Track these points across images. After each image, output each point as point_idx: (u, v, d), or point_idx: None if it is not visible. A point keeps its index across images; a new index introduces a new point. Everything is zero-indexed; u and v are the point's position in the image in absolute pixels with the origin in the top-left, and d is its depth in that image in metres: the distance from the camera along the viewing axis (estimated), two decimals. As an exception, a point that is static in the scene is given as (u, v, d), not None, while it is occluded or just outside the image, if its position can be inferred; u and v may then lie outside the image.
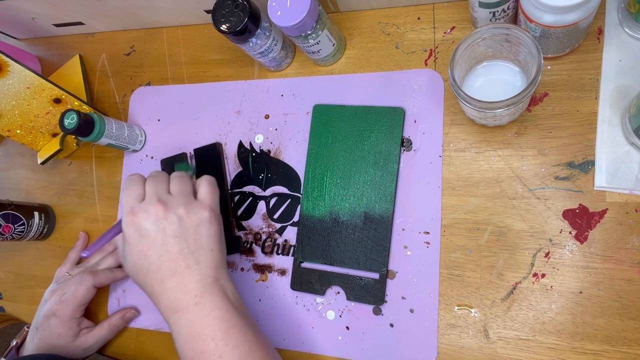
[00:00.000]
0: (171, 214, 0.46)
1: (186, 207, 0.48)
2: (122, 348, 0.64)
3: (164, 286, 0.46)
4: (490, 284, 0.50)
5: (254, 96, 0.63)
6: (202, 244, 0.47)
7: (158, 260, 0.46)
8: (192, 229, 0.47)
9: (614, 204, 0.48)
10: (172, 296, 0.45)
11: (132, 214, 0.47)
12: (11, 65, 0.59)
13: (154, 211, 0.46)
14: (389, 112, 0.56)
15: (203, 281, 0.46)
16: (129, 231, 0.47)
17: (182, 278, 0.46)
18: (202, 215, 0.48)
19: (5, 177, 0.75)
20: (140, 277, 0.47)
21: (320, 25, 0.52)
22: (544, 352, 0.48)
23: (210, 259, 0.47)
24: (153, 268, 0.46)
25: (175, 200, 0.48)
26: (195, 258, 0.46)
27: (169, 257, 0.46)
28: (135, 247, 0.46)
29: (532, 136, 0.51)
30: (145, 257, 0.46)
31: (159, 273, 0.46)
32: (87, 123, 0.58)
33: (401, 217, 0.54)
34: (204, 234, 0.48)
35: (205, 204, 0.49)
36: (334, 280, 0.55)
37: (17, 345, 0.60)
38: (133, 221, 0.46)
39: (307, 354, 0.55)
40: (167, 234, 0.46)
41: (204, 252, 0.47)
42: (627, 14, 0.48)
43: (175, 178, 0.50)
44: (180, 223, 0.47)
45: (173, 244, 0.46)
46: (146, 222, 0.46)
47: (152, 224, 0.46)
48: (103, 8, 0.66)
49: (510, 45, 0.45)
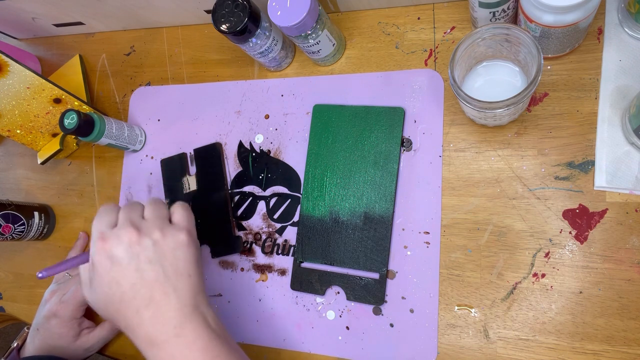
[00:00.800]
0: (145, 238, 0.43)
1: (162, 231, 0.45)
2: (122, 348, 0.64)
3: (140, 317, 0.42)
4: (490, 284, 0.50)
5: (254, 96, 0.63)
6: (179, 269, 0.44)
7: (132, 289, 0.42)
8: (168, 254, 0.44)
9: (614, 204, 0.48)
10: (150, 328, 0.42)
11: (103, 240, 0.43)
12: (11, 65, 0.59)
13: (126, 236, 0.43)
14: (389, 112, 0.56)
15: (182, 310, 0.43)
16: (99, 259, 0.43)
17: (159, 307, 0.42)
18: (178, 238, 0.45)
19: (5, 177, 0.75)
20: (112, 309, 0.43)
21: (320, 25, 0.52)
22: (544, 352, 0.48)
23: (188, 285, 0.44)
24: (126, 298, 0.42)
25: (150, 224, 0.45)
26: (173, 285, 0.43)
27: (144, 285, 0.42)
28: (106, 275, 0.43)
29: (532, 136, 0.51)
30: (118, 285, 0.42)
31: (134, 303, 0.42)
32: (87, 123, 0.58)
33: (401, 217, 0.54)
34: (181, 259, 0.45)
35: (182, 227, 0.46)
36: (334, 280, 0.55)
37: (17, 347, 0.60)
38: (104, 247, 0.43)
39: (307, 354, 0.55)
40: (142, 259, 0.43)
41: (182, 277, 0.44)
42: (627, 14, 0.48)
43: (149, 204, 0.48)
44: (156, 247, 0.44)
45: (148, 271, 0.43)
46: (118, 249, 0.43)
47: (125, 250, 0.43)
48: (103, 8, 0.66)
49: (510, 45, 0.45)
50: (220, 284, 0.60)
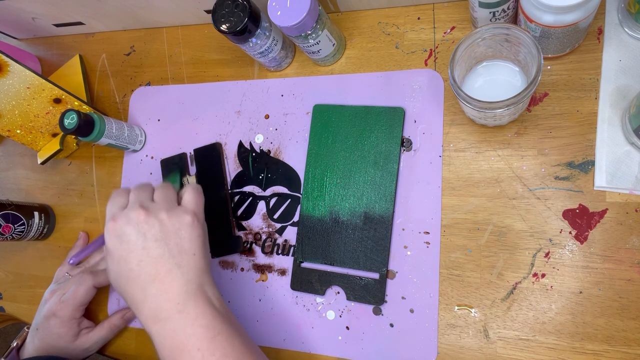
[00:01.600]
0: (152, 218, 0.45)
1: (168, 212, 0.47)
2: (122, 348, 0.64)
3: (145, 293, 0.44)
4: (490, 284, 0.50)
5: (254, 96, 0.63)
6: (184, 247, 0.46)
7: (138, 266, 0.44)
8: (173, 233, 0.46)
9: (614, 204, 0.48)
10: (154, 304, 0.44)
11: (113, 220, 0.46)
12: (11, 65, 0.59)
13: (135, 216, 0.45)
14: (389, 112, 0.56)
15: (186, 287, 0.44)
16: (110, 238, 0.46)
17: (164, 284, 0.44)
18: (184, 219, 0.47)
19: (5, 177, 0.75)
20: (121, 285, 0.45)
21: (320, 25, 0.52)
22: (544, 352, 0.48)
23: (192, 263, 0.46)
24: (133, 275, 0.44)
25: (158, 206, 0.47)
26: (177, 262, 0.45)
27: (150, 262, 0.44)
28: (116, 253, 0.45)
29: (532, 136, 0.51)
30: (126, 262, 0.45)
31: (140, 279, 0.44)
32: (87, 123, 0.58)
33: (401, 217, 0.54)
34: (186, 238, 0.46)
35: (188, 209, 0.48)
36: (334, 280, 0.55)
37: (17, 347, 0.60)
38: (114, 227, 0.45)
39: (307, 354, 0.55)
40: (148, 237, 0.45)
41: (186, 256, 0.46)
42: (627, 14, 0.48)
43: (159, 187, 0.50)
44: (162, 227, 0.45)
45: (154, 248, 0.45)
46: (127, 227, 0.45)
47: (133, 228, 0.45)
48: (103, 8, 0.66)
49: (510, 45, 0.45)
50: (220, 284, 0.60)
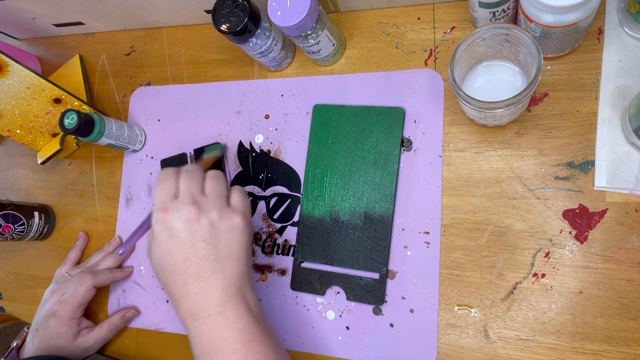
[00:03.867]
0: (204, 217, 0.45)
1: (219, 212, 0.46)
2: (122, 348, 0.64)
3: (186, 290, 0.44)
4: (490, 284, 0.50)
5: (254, 96, 0.63)
6: (230, 251, 0.46)
7: (184, 263, 0.44)
8: (222, 236, 0.46)
9: (614, 204, 0.48)
10: (194, 302, 0.44)
11: (164, 212, 0.45)
12: (11, 65, 0.59)
13: (186, 212, 0.45)
14: (389, 112, 0.56)
15: (226, 290, 0.45)
16: (159, 228, 0.45)
17: (206, 284, 0.44)
18: (234, 221, 0.46)
19: (5, 177, 0.75)
20: (164, 276, 0.46)
21: (320, 25, 0.52)
22: (544, 352, 0.48)
23: (236, 268, 0.46)
24: (178, 270, 0.45)
25: (209, 203, 0.46)
26: (222, 266, 0.45)
27: (195, 261, 0.44)
28: (163, 245, 0.45)
29: (532, 136, 0.51)
30: (172, 257, 0.45)
31: (183, 276, 0.44)
32: (87, 123, 0.58)
33: (401, 217, 0.54)
34: (234, 242, 0.46)
35: (239, 211, 0.47)
36: (334, 280, 0.55)
37: (17, 347, 0.60)
38: (164, 219, 0.45)
39: (307, 354, 0.55)
40: (197, 237, 0.45)
41: (231, 260, 0.46)
42: (627, 14, 0.48)
43: (211, 178, 0.48)
44: (212, 228, 0.45)
45: (201, 248, 0.45)
46: (177, 222, 0.45)
47: (183, 225, 0.45)
48: (103, 8, 0.66)
49: (510, 45, 0.45)
50: (220, 284, 0.60)
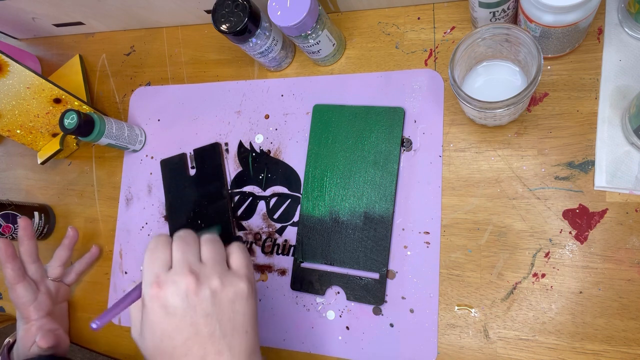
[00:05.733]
0: (204, 287, 0.39)
1: (221, 279, 0.40)
2: (122, 348, 0.64)
3: None
4: (490, 284, 0.50)
5: (254, 96, 0.63)
6: (236, 325, 0.40)
7: (184, 344, 0.39)
8: (227, 307, 0.40)
9: (614, 204, 0.48)
10: None
11: (158, 286, 0.39)
12: (11, 65, 0.59)
13: (184, 284, 0.39)
14: (389, 112, 0.56)
15: None
16: (153, 307, 0.39)
17: None
18: (239, 287, 0.41)
19: (5, 177, 0.75)
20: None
21: (320, 25, 0.52)
22: (544, 352, 0.48)
23: (244, 344, 0.40)
24: (178, 353, 0.39)
25: (208, 271, 0.41)
26: (228, 343, 0.39)
27: (198, 341, 0.39)
28: (159, 326, 0.39)
29: (532, 136, 0.51)
30: (170, 339, 0.39)
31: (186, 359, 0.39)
32: (87, 123, 0.58)
33: (401, 217, 0.54)
34: (240, 312, 0.41)
35: (242, 275, 0.42)
36: (334, 280, 0.55)
37: (8, 345, 0.60)
38: (158, 295, 0.39)
39: (307, 354, 0.55)
40: (198, 312, 0.39)
41: (238, 335, 0.40)
42: (627, 14, 0.48)
43: (207, 242, 0.43)
44: (214, 299, 0.40)
45: (204, 325, 0.39)
46: (174, 298, 0.39)
47: (182, 300, 0.39)
48: (103, 8, 0.66)
49: (510, 45, 0.45)
50: (220, 284, 0.60)
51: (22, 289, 0.58)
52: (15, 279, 0.57)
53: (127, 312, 0.63)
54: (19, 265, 0.58)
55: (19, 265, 0.58)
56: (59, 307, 0.64)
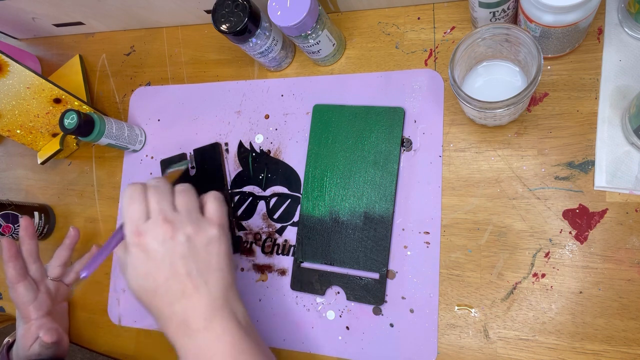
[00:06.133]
0: (179, 233, 0.44)
1: (194, 226, 0.45)
2: (122, 348, 0.64)
3: (172, 309, 0.44)
4: (490, 284, 0.50)
5: (254, 96, 0.63)
6: (211, 264, 0.45)
7: (165, 282, 0.44)
8: (201, 249, 0.45)
9: (614, 204, 0.48)
10: (181, 319, 0.43)
11: (138, 235, 0.44)
12: (11, 65, 0.59)
13: (161, 232, 0.44)
14: (389, 112, 0.56)
15: (212, 304, 0.44)
16: (135, 252, 0.44)
17: (191, 301, 0.44)
18: (211, 233, 0.46)
19: (5, 177, 0.75)
20: (147, 298, 0.45)
21: (320, 25, 0.52)
22: (544, 352, 0.48)
23: (219, 279, 0.45)
24: (160, 291, 0.44)
25: (183, 218, 0.45)
26: (204, 279, 0.44)
27: (177, 279, 0.44)
28: (142, 268, 0.44)
29: (532, 136, 0.51)
30: (153, 279, 0.44)
31: (167, 296, 0.44)
32: (87, 123, 0.58)
33: (401, 217, 0.54)
34: (214, 254, 0.45)
35: (214, 221, 0.47)
36: (334, 280, 0.55)
37: (8, 344, 0.60)
38: (139, 242, 0.44)
39: (307, 354, 0.55)
40: (175, 254, 0.44)
41: (213, 272, 0.45)
42: (627, 14, 0.48)
43: (180, 192, 0.47)
44: (189, 243, 0.44)
45: (181, 265, 0.44)
46: (153, 243, 0.44)
47: (160, 245, 0.44)
48: (103, 8, 0.66)
49: (510, 45, 0.45)
50: (220, 284, 0.60)
51: (23, 288, 0.58)
52: (16, 278, 0.58)
53: (125, 306, 0.63)
54: (21, 265, 0.58)
55: (22, 264, 0.59)
56: (58, 307, 0.64)
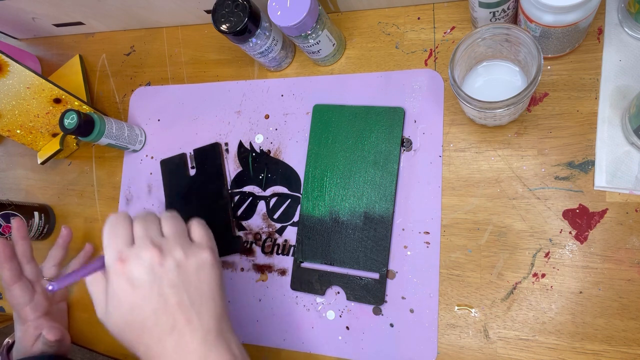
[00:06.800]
0: (168, 259, 0.41)
1: (184, 250, 0.42)
2: (122, 348, 0.63)
3: (162, 346, 0.39)
4: (490, 284, 0.50)
5: (254, 96, 0.63)
6: (203, 293, 0.42)
7: (154, 315, 0.40)
8: (192, 276, 0.42)
9: (614, 204, 0.48)
10: (172, 358, 0.40)
11: (122, 262, 0.40)
12: (11, 65, 0.59)
13: (148, 257, 0.40)
14: (389, 112, 0.56)
15: (206, 337, 0.40)
16: (119, 282, 0.40)
17: (183, 336, 0.40)
18: (202, 257, 0.43)
19: (5, 177, 0.75)
20: (131, 335, 0.41)
21: (320, 25, 0.52)
22: (544, 352, 0.48)
23: (212, 310, 0.42)
24: (148, 324, 0.40)
25: (171, 243, 0.42)
26: (197, 310, 0.41)
27: (167, 311, 0.40)
28: (127, 300, 0.40)
29: (532, 136, 0.51)
30: (139, 311, 0.40)
31: (156, 330, 0.40)
32: (87, 123, 0.58)
33: (401, 217, 0.54)
34: (205, 281, 0.42)
35: (204, 245, 0.44)
36: (334, 280, 0.55)
37: (8, 345, 0.60)
38: (123, 270, 0.40)
39: (307, 354, 0.55)
40: (164, 283, 0.40)
41: (206, 302, 0.42)
42: (627, 14, 0.48)
43: (167, 219, 0.44)
44: (179, 270, 0.41)
45: (171, 295, 0.40)
46: (140, 271, 0.40)
47: (147, 272, 0.40)
48: (103, 8, 0.66)
49: (510, 45, 0.45)
50: (220, 284, 0.60)
51: (19, 289, 0.57)
52: (12, 280, 0.57)
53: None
54: (16, 266, 0.58)
55: (16, 265, 0.58)
56: (57, 307, 0.63)
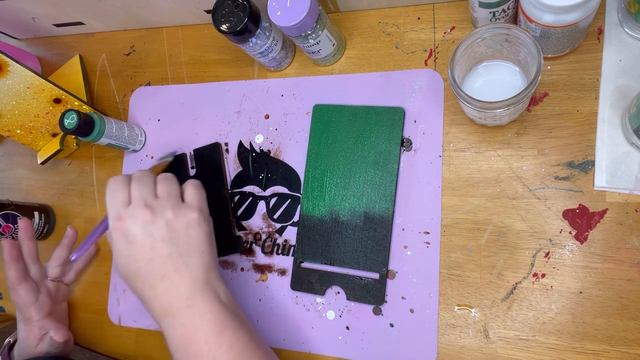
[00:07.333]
0: (159, 218, 0.46)
1: (174, 210, 0.47)
2: (122, 348, 0.64)
3: (154, 291, 0.45)
4: (490, 284, 0.50)
5: (254, 96, 0.63)
6: (192, 246, 0.47)
7: (148, 264, 0.45)
8: (181, 232, 0.47)
9: (614, 204, 0.48)
10: (163, 301, 0.45)
11: (119, 220, 0.46)
12: (11, 65, 0.59)
13: (141, 216, 0.46)
14: (389, 112, 0.56)
15: (194, 284, 0.45)
16: (117, 237, 0.46)
17: (173, 282, 0.45)
18: (190, 217, 0.47)
19: (5, 177, 0.75)
20: (131, 281, 0.47)
21: (320, 25, 0.52)
22: (544, 352, 0.48)
23: (200, 261, 0.47)
24: (142, 273, 0.45)
25: (163, 204, 0.47)
26: (185, 261, 0.46)
27: (158, 261, 0.45)
28: (124, 252, 0.46)
29: (532, 136, 0.51)
30: (135, 261, 0.46)
31: (149, 278, 0.45)
32: (87, 123, 0.58)
33: (401, 217, 0.54)
34: (194, 237, 0.47)
35: (194, 206, 0.48)
36: (334, 280, 0.55)
37: (9, 344, 0.60)
38: (120, 227, 0.46)
39: (307, 354, 0.55)
40: (156, 238, 0.45)
41: (194, 254, 0.47)
42: (627, 14, 0.48)
43: (161, 180, 0.49)
44: (169, 227, 0.46)
45: (162, 248, 0.45)
46: (134, 227, 0.46)
47: (140, 229, 0.46)
48: (103, 8, 0.66)
49: (510, 45, 0.45)
50: (220, 284, 0.60)
51: (24, 290, 0.58)
52: (18, 280, 0.58)
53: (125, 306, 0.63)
54: (22, 266, 0.59)
55: (22, 266, 0.59)
56: (58, 308, 0.64)
